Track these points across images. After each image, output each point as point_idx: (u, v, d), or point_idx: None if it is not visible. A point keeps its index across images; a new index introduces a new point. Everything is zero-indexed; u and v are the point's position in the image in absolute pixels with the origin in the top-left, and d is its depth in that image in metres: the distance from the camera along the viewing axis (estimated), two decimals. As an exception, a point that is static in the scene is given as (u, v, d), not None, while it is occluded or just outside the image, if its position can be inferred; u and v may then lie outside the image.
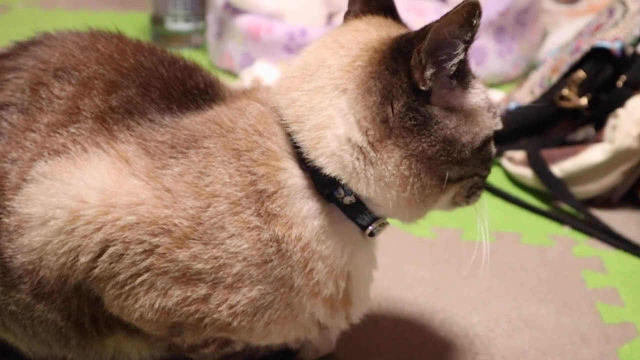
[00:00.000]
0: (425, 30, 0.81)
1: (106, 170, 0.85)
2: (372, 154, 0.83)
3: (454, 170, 0.87)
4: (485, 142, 0.89)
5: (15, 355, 0.97)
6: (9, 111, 0.91)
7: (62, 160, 0.86)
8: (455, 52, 0.82)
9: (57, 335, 0.90)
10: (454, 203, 0.93)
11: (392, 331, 1.15)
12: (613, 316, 1.22)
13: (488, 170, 0.93)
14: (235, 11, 2.38)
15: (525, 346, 1.13)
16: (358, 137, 0.83)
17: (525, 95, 1.86)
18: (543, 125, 1.74)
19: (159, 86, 0.92)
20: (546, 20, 2.56)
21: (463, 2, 0.78)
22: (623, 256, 1.41)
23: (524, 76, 2.26)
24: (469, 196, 0.93)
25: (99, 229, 0.83)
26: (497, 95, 2.11)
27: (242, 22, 2.34)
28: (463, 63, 0.83)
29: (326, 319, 0.92)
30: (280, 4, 2.34)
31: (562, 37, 2.17)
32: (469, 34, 0.81)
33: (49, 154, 0.87)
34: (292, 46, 2.25)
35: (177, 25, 2.69)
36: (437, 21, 0.80)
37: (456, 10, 0.79)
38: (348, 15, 0.95)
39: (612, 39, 1.64)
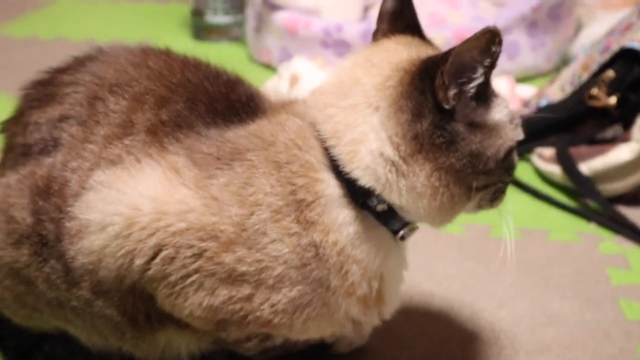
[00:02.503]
0: (448, 53, 0.87)
1: (158, 180, 0.93)
2: (404, 167, 0.90)
3: (480, 180, 0.93)
4: (509, 153, 0.95)
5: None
6: (69, 123, 0.99)
7: (118, 170, 0.94)
8: (475, 76, 0.88)
9: (114, 329, 0.98)
10: (479, 207, 0.99)
11: (423, 325, 1.22)
12: (635, 313, 1.27)
13: (511, 176, 0.99)
14: (273, 7, 2.44)
15: (548, 341, 1.19)
16: (390, 152, 0.90)
17: (557, 92, 1.91)
18: (572, 123, 1.79)
19: (204, 100, 1.00)
20: (581, 12, 2.58)
21: (484, 29, 0.85)
22: (648, 253, 1.46)
23: (557, 70, 2.30)
24: (493, 200, 0.99)
25: (152, 235, 0.90)
26: (528, 91, 2.15)
27: (280, 17, 2.41)
28: (484, 85, 0.90)
29: (360, 316, 0.99)
30: (317, 0, 2.40)
31: (597, 31, 2.20)
32: (488, 60, 0.87)
33: (106, 163, 0.95)
34: (328, 41, 2.32)
35: (217, 18, 2.76)
36: (459, 45, 0.86)
37: (477, 37, 0.85)
38: (377, 34, 1.01)
39: (641, 39, 1.68)
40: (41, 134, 1.00)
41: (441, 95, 0.88)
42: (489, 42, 0.86)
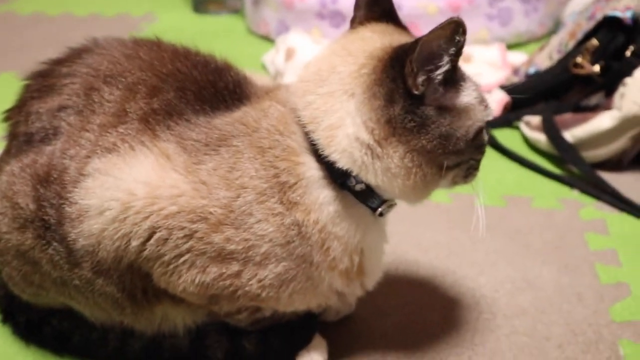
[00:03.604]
0: (416, 42, 0.93)
1: (151, 166, 0.99)
2: (378, 149, 0.97)
3: (451, 159, 1.00)
4: (478, 133, 1.01)
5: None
6: (67, 113, 1.05)
7: (113, 157, 1.01)
8: (442, 63, 0.94)
9: (114, 305, 1.06)
10: (454, 183, 1.06)
11: (407, 293, 1.30)
12: (610, 276, 1.34)
13: (482, 153, 1.05)
14: (270, -20, 2.49)
15: (525, 305, 1.27)
16: (365, 136, 0.96)
17: (545, 59, 1.96)
18: (558, 91, 1.84)
19: (193, 89, 1.06)
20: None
21: (449, 19, 0.90)
22: (627, 218, 1.53)
23: (550, 34, 2.35)
24: (466, 177, 1.06)
25: (146, 218, 0.97)
26: (520, 58, 2.20)
27: (277, -10, 2.45)
28: (451, 71, 0.95)
29: (343, 288, 1.06)
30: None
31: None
32: (454, 48, 0.93)
33: (102, 151, 1.01)
34: (324, 13, 2.37)
35: (216, -10, 2.80)
36: (426, 35, 0.92)
37: (442, 27, 0.91)
38: (354, 22, 1.07)
39: (623, 8, 1.72)
40: (42, 123, 1.06)
41: (411, 82, 0.94)
42: (453, 32, 0.92)
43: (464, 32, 0.92)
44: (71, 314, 1.14)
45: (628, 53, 1.68)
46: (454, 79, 0.97)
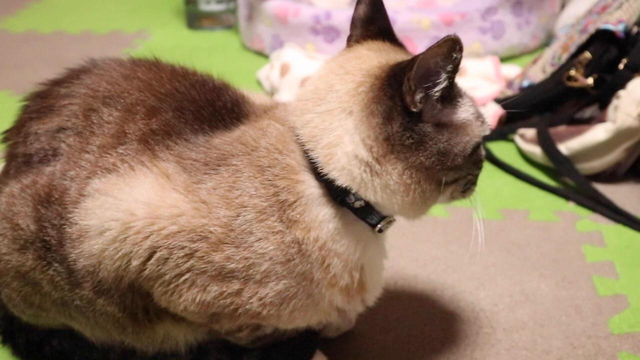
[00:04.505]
0: (414, 60, 0.93)
1: (151, 186, 1.00)
2: (377, 167, 0.97)
3: (450, 175, 1.00)
4: (476, 148, 1.02)
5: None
6: (66, 134, 1.06)
7: (113, 178, 1.01)
8: (439, 80, 0.95)
9: (115, 324, 1.06)
10: (452, 198, 1.06)
11: (406, 308, 1.30)
12: (607, 288, 1.35)
13: (480, 169, 1.06)
14: (263, -5, 2.50)
15: (524, 319, 1.27)
16: (364, 154, 0.97)
17: (538, 72, 1.97)
18: (552, 104, 1.85)
19: (192, 109, 1.06)
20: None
21: (445, 37, 0.91)
22: (622, 230, 1.53)
23: (543, 47, 2.36)
24: (465, 192, 1.06)
25: (147, 237, 0.98)
26: (514, 71, 2.22)
27: (270, 5, 2.47)
28: (448, 88, 0.96)
29: (344, 304, 1.07)
30: (306, -13, 2.46)
31: (582, 7, 2.26)
32: (451, 66, 0.94)
33: (102, 172, 1.02)
34: (318, 28, 2.38)
35: (210, 6, 2.82)
36: (423, 53, 0.93)
37: (439, 44, 0.92)
38: (350, 40, 1.08)
39: (615, 21, 1.74)
40: (41, 144, 1.07)
41: (408, 100, 0.95)
42: (450, 50, 0.93)
43: (460, 50, 0.93)
44: (71, 334, 1.14)
45: (621, 66, 1.70)
46: (451, 95, 0.98)
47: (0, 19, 3.10)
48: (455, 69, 0.95)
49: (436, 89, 0.95)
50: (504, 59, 2.39)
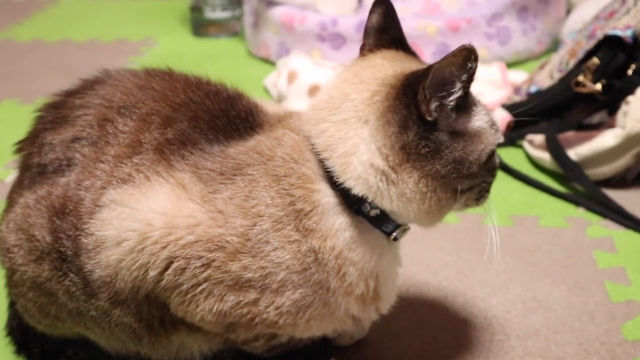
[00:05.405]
0: (429, 69, 0.94)
1: (167, 196, 1.00)
2: (393, 175, 0.98)
3: (465, 183, 1.01)
4: (490, 156, 1.02)
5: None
6: (81, 144, 1.06)
7: (129, 188, 1.01)
8: (454, 90, 0.95)
9: (131, 335, 1.07)
10: (466, 205, 1.07)
11: (418, 315, 1.30)
12: (620, 294, 1.35)
13: (494, 176, 1.06)
14: (269, 2, 2.51)
15: (538, 325, 1.27)
16: (380, 163, 0.97)
17: (546, 78, 1.97)
18: (561, 109, 1.86)
19: (206, 118, 1.07)
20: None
21: (461, 47, 0.92)
22: (633, 235, 1.54)
23: (549, 52, 2.37)
24: (479, 199, 1.07)
25: (164, 248, 0.98)
26: (520, 76, 2.22)
27: (276, 13, 2.47)
28: (463, 97, 0.97)
29: (359, 312, 1.07)
30: (312, -5, 2.46)
31: (588, 12, 2.26)
32: (466, 75, 0.94)
33: (117, 182, 1.02)
34: (324, 35, 2.38)
35: (216, 14, 2.82)
36: (438, 62, 0.93)
37: (454, 54, 0.92)
38: (363, 49, 1.08)
39: (623, 27, 1.74)
40: (55, 154, 1.07)
41: (424, 108, 0.95)
42: (465, 59, 0.93)
43: (475, 59, 0.93)
44: (87, 344, 1.14)
45: (630, 72, 1.70)
46: (466, 104, 0.99)
47: (6, 28, 3.11)
48: (470, 79, 0.96)
49: (451, 98, 0.96)
50: (510, 65, 2.40)
